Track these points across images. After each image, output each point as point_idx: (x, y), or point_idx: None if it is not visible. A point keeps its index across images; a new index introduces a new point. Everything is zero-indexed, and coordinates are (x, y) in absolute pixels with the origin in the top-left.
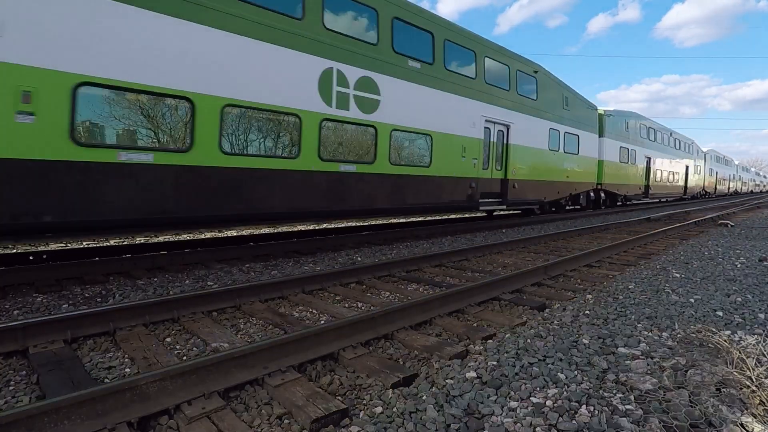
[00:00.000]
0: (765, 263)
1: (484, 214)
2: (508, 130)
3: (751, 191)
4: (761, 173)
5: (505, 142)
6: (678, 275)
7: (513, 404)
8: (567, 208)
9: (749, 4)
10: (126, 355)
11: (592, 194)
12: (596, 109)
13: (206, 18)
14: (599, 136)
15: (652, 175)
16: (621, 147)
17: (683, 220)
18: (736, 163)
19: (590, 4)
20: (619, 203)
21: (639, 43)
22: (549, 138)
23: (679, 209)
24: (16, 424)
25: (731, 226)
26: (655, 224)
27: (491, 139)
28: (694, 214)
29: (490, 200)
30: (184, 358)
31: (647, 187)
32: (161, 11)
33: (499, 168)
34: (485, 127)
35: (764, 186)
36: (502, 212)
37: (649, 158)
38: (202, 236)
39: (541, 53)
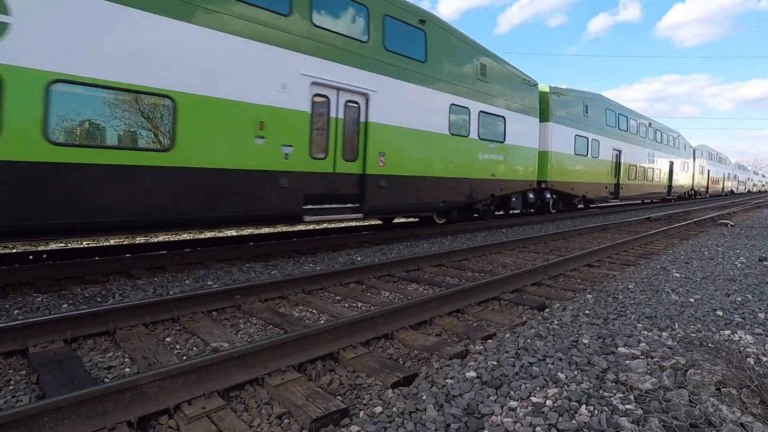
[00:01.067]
0: (765, 263)
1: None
2: (367, 101)
3: (749, 191)
4: (760, 172)
5: (363, 119)
6: (678, 275)
7: (513, 404)
8: (496, 213)
9: (750, 3)
10: (126, 355)
11: (531, 195)
12: (536, 85)
13: None
14: (543, 121)
15: (623, 172)
16: (577, 135)
17: (683, 219)
18: (732, 161)
19: (591, 4)
20: (580, 206)
21: (639, 43)
22: (450, 118)
23: (679, 209)
24: (16, 423)
25: (731, 225)
26: (655, 224)
27: (334, 114)
28: (694, 214)
29: (333, 206)
30: (184, 357)
31: (617, 186)
32: None
33: (353, 158)
34: (317, 95)
35: (763, 186)
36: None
37: (620, 151)
38: (202, 236)
39: (541, 53)
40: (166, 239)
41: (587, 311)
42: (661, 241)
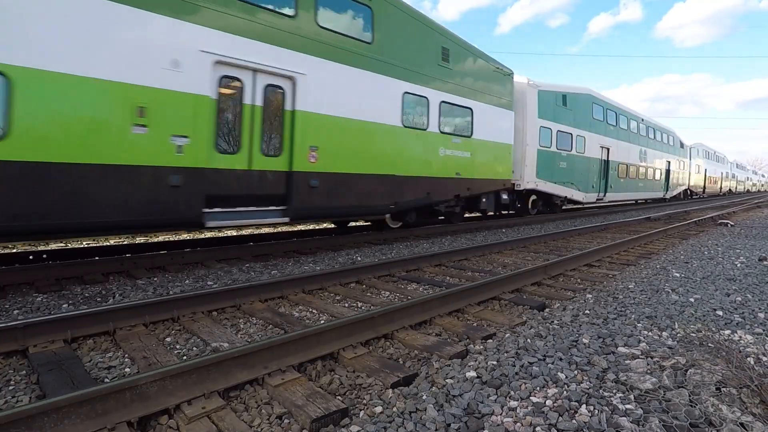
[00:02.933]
0: (765, 263)
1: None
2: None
3: (748, 191)
4: (759, 172)
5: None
6: (678, 275)
7: (513, 404)
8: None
9: (750, 3)
10: (126, 355)
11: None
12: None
13: None
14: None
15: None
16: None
17: (683, 219)
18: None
19: (592, 4)
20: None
21: (640, 43)
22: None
23: (680, 209)
24: (16, 423)
25: (731, 225)
26: (655, 224)
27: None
28: (694, 214)
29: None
30: (184, 357)
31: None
32: None
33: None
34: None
35: (762, 186)
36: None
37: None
38: (202, 236)
39: (542, 53)
40: (166, 239)
41: (587, 311)
42: (661, 240)
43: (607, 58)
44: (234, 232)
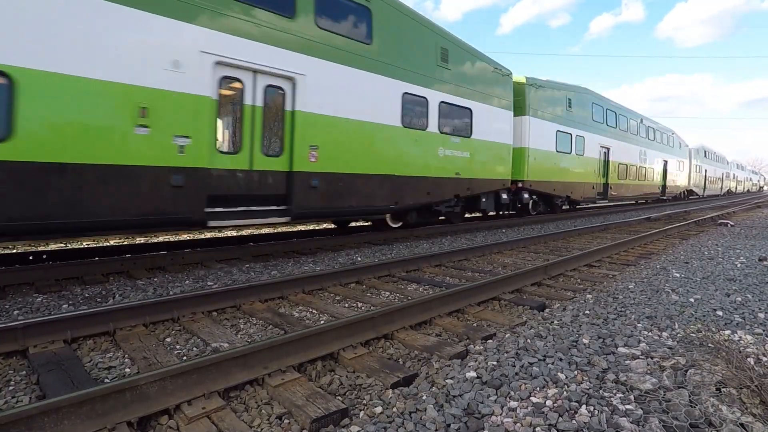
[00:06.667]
0: (765, 263)
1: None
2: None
3: (748, 190)
4: (759, 172)
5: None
6: (678, 275)
7: (513, 404)
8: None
9: (752, 3)
10: (126, 355)
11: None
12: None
13: None
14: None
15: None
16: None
17: (683, 219)
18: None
19: (593, 4)
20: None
21: (641, 43)
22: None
23: (680, 209)
24: (16, 424)
25: (731, 225)
26: (655, 224)
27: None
28: (694, 214)
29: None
30: (184, 358)
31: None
32: None
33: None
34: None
35: (762, 186)
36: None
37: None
38: (202, 236)
39: (543, 53)
40: (166, 239)
41: (587, 311)
42: (661, 241)
43: (608, 58)
44: (234, 233)
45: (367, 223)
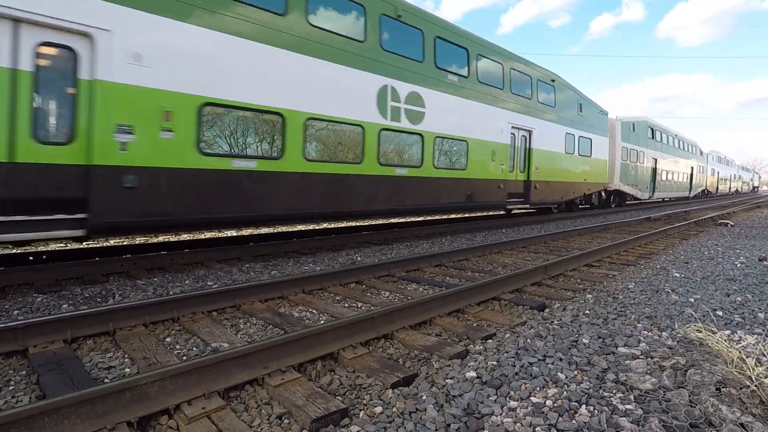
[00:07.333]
0: (765, 263)
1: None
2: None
3: (752, 189)
4: (759, 172)
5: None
6: (678, 275)
7: (513, 404)
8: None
9: (753, 3)
10: (126, 355)
11: (603, 194)
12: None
13: None
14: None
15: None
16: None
17: (683, 219)
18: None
19: (594, 4)
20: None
21: (642, 43)
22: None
23: (680, 209)
24: (16, 423)
25: (731, 225)
26: (654, 224)
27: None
28: (694, 214)
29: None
30: (184, 357)
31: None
32: None
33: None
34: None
35: (754, 184)
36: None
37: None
38: (202, 236)
39: (543, 53)
40: (166, 239)
41: (587, 311)
42: (661, 241)
43: (608, 58)
44: (234, 233)
45: (366, 224)
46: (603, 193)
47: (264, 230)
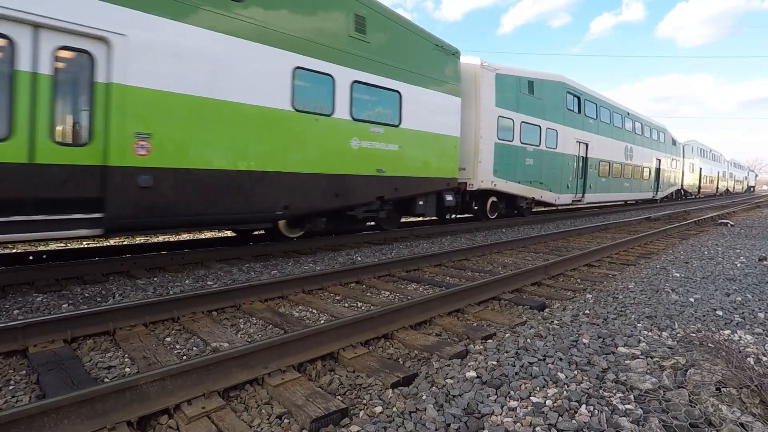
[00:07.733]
0: (765, 263)
1: None
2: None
3: (747, 189)
4: (755, 171)
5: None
6: (678, 275)
7: (513, 404)
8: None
9: (753, 3)
10: (126, 355)
11: (450, 197)
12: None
13: None
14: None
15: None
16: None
17: (683, 219)
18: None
19: (594, 4)
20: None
21: (641, 43)
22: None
23: (680, 209)
24: (16, 423)
25: (731, 225)
26: (654, 224)
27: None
28: (694, 214)
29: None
30: (184, 357)
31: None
32: None
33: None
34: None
35: (749, 183)
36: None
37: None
38: (202, 236)
39: (544, 53)
40: (166, 239)
41: (587, 311)
42: (661, 240)
43: (608, 58)
44: (234, 233)
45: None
46: (450, 196)
47: (264, 230)
